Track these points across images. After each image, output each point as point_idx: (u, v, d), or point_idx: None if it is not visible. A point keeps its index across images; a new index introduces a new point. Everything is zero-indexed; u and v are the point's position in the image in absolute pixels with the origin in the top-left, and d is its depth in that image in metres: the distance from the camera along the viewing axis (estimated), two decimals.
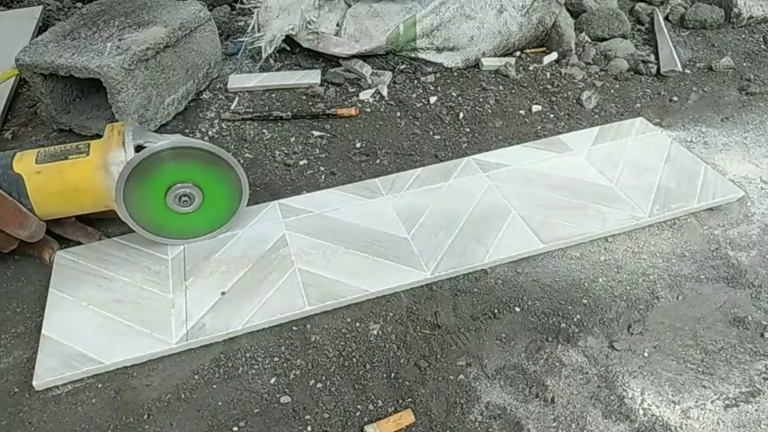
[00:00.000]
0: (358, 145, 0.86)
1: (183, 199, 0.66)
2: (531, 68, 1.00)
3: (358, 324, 0.61)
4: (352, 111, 0.91)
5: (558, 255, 0.67)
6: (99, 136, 0.74)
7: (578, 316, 0.61)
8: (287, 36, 1.01)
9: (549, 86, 0.96)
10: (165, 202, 0.66)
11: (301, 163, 0.83)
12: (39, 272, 0.68)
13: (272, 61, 1.04)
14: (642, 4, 1.17)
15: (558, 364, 0.57)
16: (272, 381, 0.56)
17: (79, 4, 1.29)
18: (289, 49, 1.05)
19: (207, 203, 0.68)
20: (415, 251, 0.67)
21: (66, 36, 0.84)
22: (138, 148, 0.64)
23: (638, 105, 0.92)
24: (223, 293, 0.63)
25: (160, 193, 0.65)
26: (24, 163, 0.63)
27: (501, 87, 0.96)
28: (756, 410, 0.53)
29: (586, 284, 0.64)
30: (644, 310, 0.61)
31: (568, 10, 1.11)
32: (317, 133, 0.88)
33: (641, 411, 0.53)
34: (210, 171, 0.66)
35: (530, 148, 0.82)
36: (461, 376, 0.56)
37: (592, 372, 0.56)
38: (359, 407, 0.54)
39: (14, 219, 0.62)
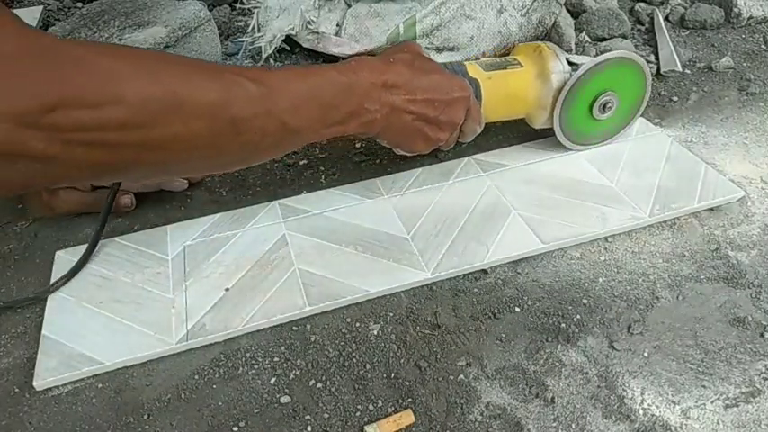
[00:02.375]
0: (358, 145, 0.86)
1: (608, 106, 0.74)
2: None
3: (358, 324, 0.61)
4: None
5: (558, 255, 0.67)
6: None
7: (578, 316, 0.61)
8: (287, 36, 1.01)
9: None
10: (590, 111, 0.75)
11: (301, 163, 0.83)
12: (39, 272, 0.68)
13: (272, 61, 1.03)
14: (642, 4, 1.17)
15: (558, 364, 0.57)
16: (272, 381, 0.56)
17: (79, 4, 1.29)
18: (289, 49, 1.05)
19: (619, 108, 0.76)
20: (415, 251, 0.67)
21: (67, 36, 0.84)
22: (567, 62, 0.72)
23: None
24: (227, 290, 0.63)
25: (587, 102, 0.74)
26: (475, 70, 0.71)
27: None
28: (756, 410, 0.53)
29: (586, 284, 0.64)
30: (644, 310, 0.61)
31: (568, 10, 1.11)
32: None
33: (641, 411, 0.53)
34: (628, 78, 0.75)
35: (530, 148, 0.82)
36: (461, 376, 0.56)
37: (592, 372, 0.56)
38: (359, 407, 0.54)
39: (478, 115, 0.69)
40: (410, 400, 0.54)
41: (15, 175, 0.41)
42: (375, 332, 0.60)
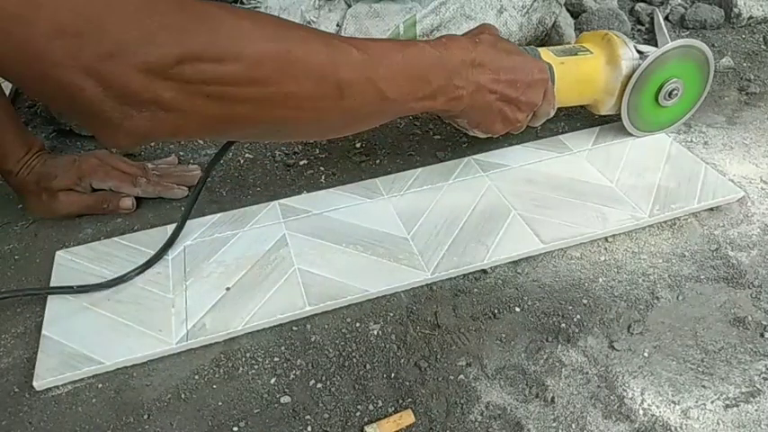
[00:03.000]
0: (358, 145, 0.86)
1: (674, 93, 0.76)
2: None
3: (358, 324, 0.61)
4: None
5: (558, 255, 0.67)
6: None
7: (578, 316, 0.61)
8: None
9: None
10: (657, 98, 0.76)
11: (301, 163, 0.83)
12: (39, 272, 0.68)
13: None
14: (642, 4, 1.17)
15: (558, 364, 0.57)
16: (272, 381, 0.56)
17: None
18: None
19: (684, 95, 0.78)
20: (415, 251, 0.67)
21: None
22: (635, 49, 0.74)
23: None
24: (228, 289, 0.63)
25: (654, 89, 0.76)
26: (547, 55, 0.72)
27: None
28: (756, 410, 0.53)
29: (586, 284, 0.64)
30: (644, 310, 0.61)
31: (568, 10, 1.11)
32: None
33: (641, 411, 0.53)
34: (692, 65, 0.76)
35: (530, 148, 0.82)
36: (461, 376, 0.56)
37: (592, 372, 0.56)
38: (359, 407, 0.54)
39: (553, 98, 0.70)
40: (410, 400, 0.54)
41: (142, 122, 0.44)
42: (375, 332, 0.60)
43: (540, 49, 0.73)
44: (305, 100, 0.50)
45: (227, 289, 0.63)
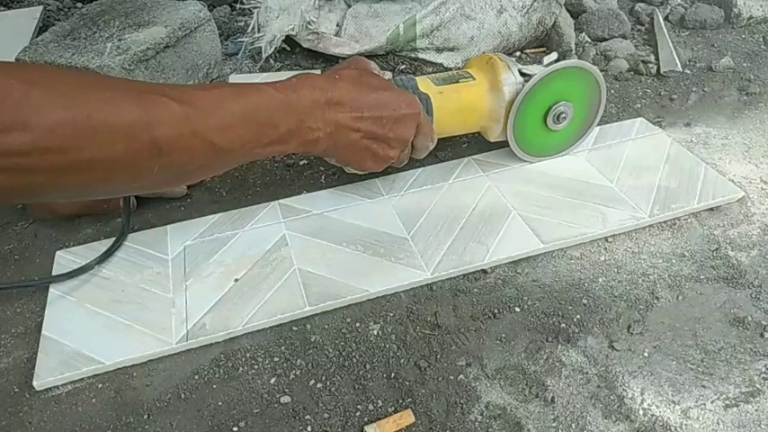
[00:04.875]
0: None
1: (562, 116, 0.73)
2: None
3: (358, 324, 0.61)
4: None
5: (558, 255, 0.67)
6: None
7: (578, 316, 0.61)
8: (287, 36, 1.01)
9: None
10: (545, 121, 0.73)
11: (301, 163, 0.83)
12: (39, 272, 0.68)
13: (272, 61, 1.04)
14: (642, 4, 1.17)
15: (558, 364, 0.57)
16: (272, 381, 0.56)
17: (79, 5, 1.29)
18: (289, 49, 1.05)
19: (575, 118, 0.75)
20: (415, 251, 0.67)
21: (67, 36, 0.84)
22: (519, 73, 0.71)
23: (638, 105, 0.92)
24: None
25: (541, 112, 0.73)
26: (426, 85, 0.70)
27: None
28: (756, 410, 0.53)
29: (586, 284, 0.64)
30: (644, 310, 0.61)
31: (568, 10, 1.11)
32: None
33: (641, 411, 0.53)
34: (582, 87, 0.73)
35: None
36: (461, 376, 0.56)
37: (592, 372, 0.56)
38: (359, 407, 0.54)
39: (430, 131, 0.67)
40: (410, 400, 0.54)
41: None
42: (375, 332, 0.60)
43: (418, 78, 0.71)
44: (115, 162, 0.46)
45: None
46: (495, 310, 0.62)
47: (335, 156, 0.63)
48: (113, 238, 0.70)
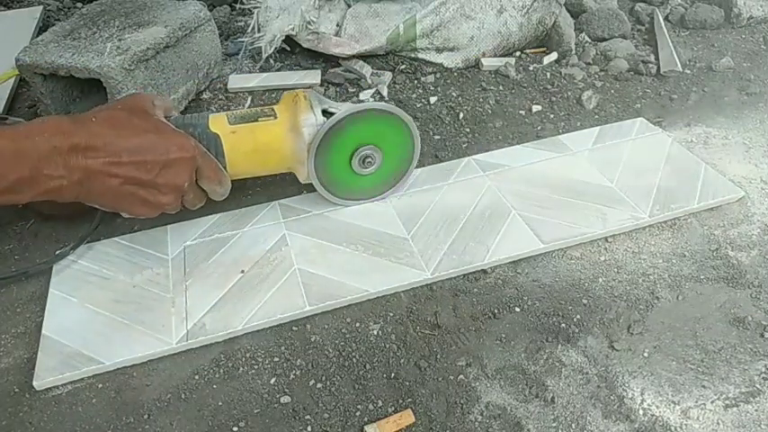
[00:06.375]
0: None
1: (369, 161, 0.69)
2: (531, 68, 1.00)
3: (358, 324, 0.61)
4: None
5: (558, 255, 0.67)
6: None
7: (578, 316, 0.61)
8: (287, 36, 1.01)
9: (549, 86, 0.96)
10: (350, 164, 0.69)
11: None
12: (39, 272, 0.68)
13: (272, 61, 1.04)
14: (642, 4, 1.17)
15: (558, 364, 0.57)
16: (272, 381, 0.56)
17: (79, 4, 1.29)
18: (289, 49, 1.05)
19: (384, 163, 0.71)
20: (415, 251, 0.67)
21: (67, 36, 0.84)
22: (323, 113, 0.66)
23: (638, 105, 0.92)
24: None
25: (346, 155, 0.69)
26: (219, 123, 0.65)
27: (501, 87, 0.97)
28: (756, 410, 0.53)
29: (586, 284, 0.64)
30: (644, 310, 0.61)
31: (568, 10, 1.11)
32: None
33: (641, 411, 0.53)
34: (391, 131, 0.69)
35: (530, 148, 0.82)
36: (461, 376, 0.56)
37: (592, 372, 0.56)
38: (359, 407, 0.54)
39: (215, 175, 0.63)
40: (410, 400, 0.54)
41: None
42: (375, 332, 0.60)
43: (213, 115, 0.65)
44: None
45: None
46: (495, 310, 0.61)
47: (96, 202, 0.59)
48: (112, 238, 0.70)
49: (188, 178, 0.60)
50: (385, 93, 0.96)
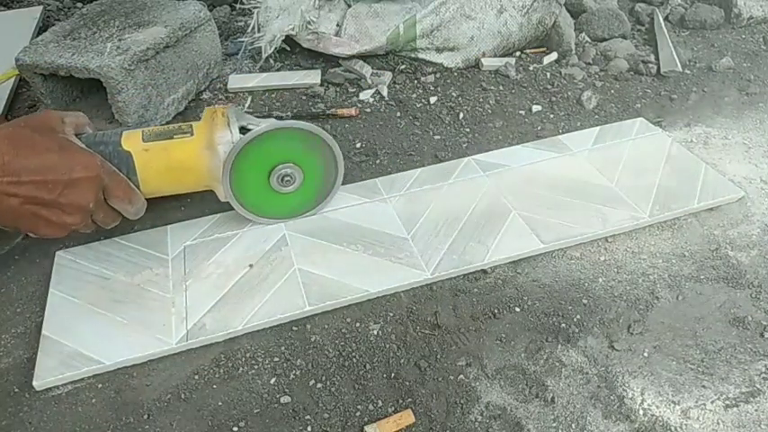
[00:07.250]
0: (358, 145, 0.86)
1: (288, 179, 0.68)
2: (531, 68, 1.00)
3: (358, 324, 0.61)
4: (352, 111, 0.91)
5: (558, 255, 0.67)
6: None
7: (578, 316, 0.61)
8: (287, 36, 1.01)
9: (549, 86, 0.96)
10: (269, 182, 0.68)
11: None
12: (39, 272, 0.68)
13: (272, 61, 1.04)
14: (642, 5, 1.17)
15: (558, 364, 0.57)
16: (272, 381, 0.56)
17: (79, 4, 1.29)
18: (289, 49, 1.05)
19: (307, 181, 0.70)
20: (415, 251, 0.67)
21: (67, 36, 0.84)
22: (242, 130, 0.65)
23: (638, 105, 0.92)
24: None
25: (264, 173, 0.67)
26: (132, 141, 0.64)
27: (501, 87, 0.97)
28: (756, 410, 0.53)
29: (586, 284, 0.64)
30: (644, 310, 0.61)
31: (568, 10, 1.11)
32: None
33: (641, 411, 0.53)
34: (310, 149, 0.68)
35: (530, 148, 0.82)
36: (461, 376, 0.56)
37: (592, 372, 0.56)
38: (359, 407, 0.54)
39: (125, 194, 0.62)
40: (410, 400, 0.54)
41: None
42: (375, 332, 0.60)
43: (127, 132, 0.64)
44: None
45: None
46: (495, 310, 0.61)
47: None
48: (112, 238, 0.70)
49: (93, 198, 0.58)
50: (385, 93, 0.96)
